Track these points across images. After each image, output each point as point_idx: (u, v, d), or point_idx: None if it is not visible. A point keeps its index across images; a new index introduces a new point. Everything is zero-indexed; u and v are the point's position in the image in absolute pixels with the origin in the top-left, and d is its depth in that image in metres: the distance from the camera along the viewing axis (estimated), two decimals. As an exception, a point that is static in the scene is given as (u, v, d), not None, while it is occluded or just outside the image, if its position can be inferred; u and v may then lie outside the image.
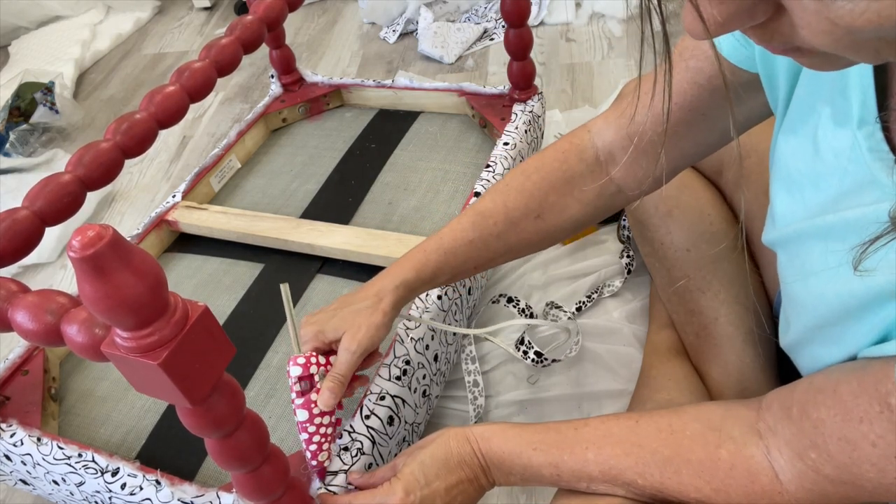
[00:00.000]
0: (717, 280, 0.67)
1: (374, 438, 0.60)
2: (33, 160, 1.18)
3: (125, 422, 0.70)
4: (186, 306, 0.36)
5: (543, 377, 0.79)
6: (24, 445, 0.64)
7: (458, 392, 0.79)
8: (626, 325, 0.82)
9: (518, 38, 0.91)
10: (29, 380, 0.72)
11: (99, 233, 0.31)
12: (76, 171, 0.53)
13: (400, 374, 0.64)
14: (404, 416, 0.65)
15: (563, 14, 1.47)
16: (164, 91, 0.60)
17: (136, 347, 0.35)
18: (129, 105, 1.42)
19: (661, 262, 0.71)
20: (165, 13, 1.77)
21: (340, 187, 0.95)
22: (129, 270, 0.32)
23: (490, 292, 0.89)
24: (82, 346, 0.38)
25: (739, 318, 0.66)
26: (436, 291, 0.71)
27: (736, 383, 0.66)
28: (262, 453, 0.46)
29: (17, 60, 1.54)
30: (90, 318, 0.39)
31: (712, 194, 0.70)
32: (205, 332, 0.37)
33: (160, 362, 0.34)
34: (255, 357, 0.74)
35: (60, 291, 0.42)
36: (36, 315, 0.40)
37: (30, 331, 0.40)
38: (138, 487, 0.58)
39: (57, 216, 0.51)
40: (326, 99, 1.11)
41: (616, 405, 0.75)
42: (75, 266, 0.32)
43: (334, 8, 1.68)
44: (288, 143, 1.07)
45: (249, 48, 0.71)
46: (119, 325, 0.34)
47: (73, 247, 0.31)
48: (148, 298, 0.34)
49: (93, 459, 0.61)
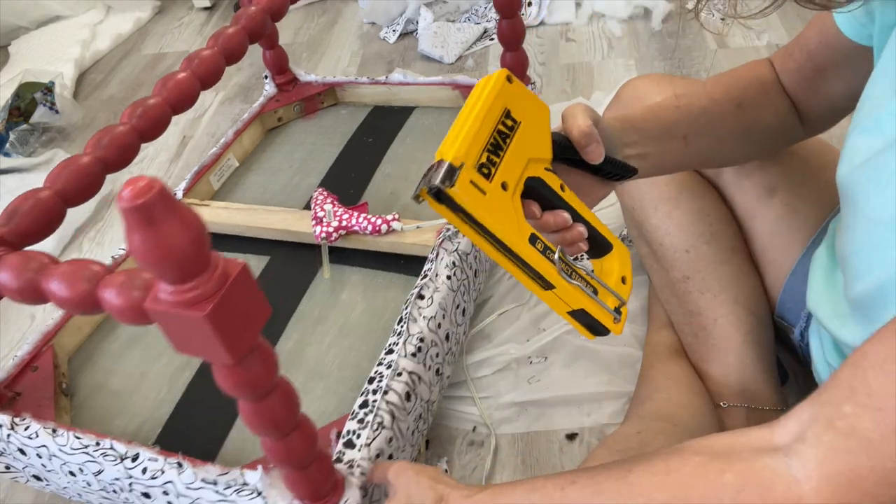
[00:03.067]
0: (717, 281, 0.67)
1: (393, 413, 0.61)
2: (33, 160, 1.18)
3: (140, 413, 0.70)
4: (227, 263, 0.37)
5: (543, 378, 0.78)
6: (38, 438, 0.63)
7: (461, 393, 0.78)
8: (626, 325, 0.80)
9: (511, 28, 0.93)
10: (39, 376, 0.72)
11: (149, 183, 0.32)
12: (95, 153, 0.53)
13: (415, 351, 0.65)
14: (420, 393, 0.65)
15: (563, 14, 1.47)
16: (175, 77, 0.61)
17: (180, 302, 0.35)
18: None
19: (660, 262, 0.71)
20: (165, 13, 1.76)
21: (342, 180, 0.96)
22: (176, 221, 0.33)
23: (486, 296, 0.90)
24: (121, 309, 0.39)
25: (739, 318, 0.66)
26: (445, 271, 0.72)
27: (736, 384, 0.66)
28: (294, 419, 0.46)
29: (17, 60, 1.53)
30: (127, 282, 0.39)
31: (712, 195, 0.70)
32: (244, 288, 0.37)
33: (206, 314, 0.35)
34: (266, 345, 0.74)
35: (93, 260, 0.42)
36: (72, 283, 0.41)
37: (66, 298, 0.41)
38: (160, 471, 0.58)
39: (78, 196, 0.52)
40: (321, 97, 1.12)
41: (616, 405, 0.75)
42: (125, 216, 0.33)
43: (334, 8, 1.68)
44: (285, 141, 1.08)
45: (255, 37, 0.73)
46: (165, 277, 0.35)
47: (124, 197, 0.32)
48: (193, 251, 0.34)
49: (111, 447, 0.61)
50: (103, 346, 0.78)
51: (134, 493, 0.61)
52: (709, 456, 0.39)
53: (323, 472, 0.51)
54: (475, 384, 0.78)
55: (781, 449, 0.36)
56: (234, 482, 0.56)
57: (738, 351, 0.66)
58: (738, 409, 0.65)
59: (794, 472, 0.35)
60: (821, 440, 0.34)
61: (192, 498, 0.57)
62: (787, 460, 0.35)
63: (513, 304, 0.86)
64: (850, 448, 0.33)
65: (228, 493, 0.56)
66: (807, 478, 0.34)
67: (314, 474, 0.50)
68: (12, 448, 0.65)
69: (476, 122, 0.44)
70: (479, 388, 0.78)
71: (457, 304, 0.74)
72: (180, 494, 0.58)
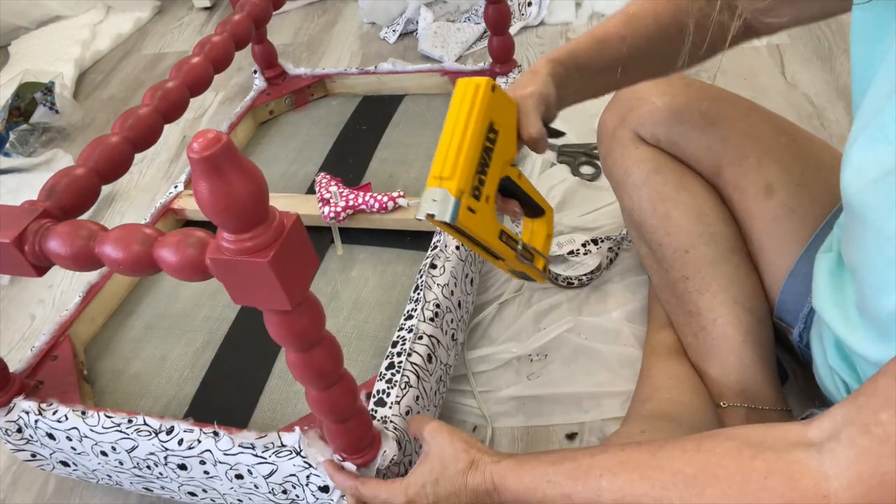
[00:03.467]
0: (716, 281, 0.67)
1: (418, 373, 0.64)
2: (33, 160, 1.18)
3: (165, 393, 0.71)
4: (282, 215, 0.40)
5: (543, 375, 0.79)
6: (68, 420, 0.65)
7: (462, 387, 0.79)
8: (626, 324, 0.82)
9: (497, 12, 0.97)
10: (60, 364, 0.73)
11: (217, 136, 0.35)
12: (123, 133, 0.55)
13: (433, 316, 0.68)
14: (440, 356, 0.68)
15: (563, 14, 1.48)
16: (164, 85, 0.62)
17: (243, 249, 0.38)
18: (129, 105, 1.41)
19: (660, 263, 0.71)
20: (165, 13, 1.76)
21: (339, 166, 0.98)
22: (241, 173, 0.36)
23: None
24: (178, 265, 0.41)
25: (738, 318, 0.66)
26: (453, 242, 0.75)
27: (735, 384, 0.66)
28: (338, 371, 0.49)
29: (17, 60, 1.52)
30: (182, 240, 0.41)
31: (711, 195, 0.70)
32: (299, 238, 0.40)
33: (268, 260, 0.37)
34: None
35: (140, 224, 0.44)
36: (126, 245, 0.43)
37: (121, 260, 0.43)
38: (196, 441, 0.60)
39: (111, 174, 0.54)
40: (311, 90, 1.15)
41: (616, 405, 0.75)
42: (194, 166, 0.35)
43: (334, 8, 1.68)
44: (278, 133, 1.10)
45: (241, 44, 0.75)
46: (228, 226, 0.37)
47: (194, 148, 0.34)
48: (255, 201, 0.37)
49: (144, 422, 0.62)
50: (119, 335, 0.79)
51: (169, 465, 0.62)
52: (742, 441, 0.40)
53: (363, 425, 0.54)
54: (475, 378, 0.79)
55: (815, 445, 0.37)
56: (272, 444, 0.58)
57: (737, 351, 0.66)
58: (738, 409, 0.66)
59: (826, 468, 0.36)
60: (855, 442, 0.36)
61: (231, 464, 0.59)
62: (819, 456, 0.37)
63: (512, 294, 0.88)
64: (884, 453, 0.34)
65: (268, 455, 0.58)
66: (837, 475, 0.35)
67: (354, 427, 0.53)
68: (40, 434, 0.66)
69: (467, 145, 0.51)
70: (479, 383, 0.79)
71: (465, 274, 0.77)
72: (218, 462, 0.60)
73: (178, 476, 0.63)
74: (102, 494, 0.76)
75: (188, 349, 0.75)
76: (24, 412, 0.66)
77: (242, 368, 0.73)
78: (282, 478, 0.58)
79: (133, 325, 0.80)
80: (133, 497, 0.75)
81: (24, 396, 0.67)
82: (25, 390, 0.69)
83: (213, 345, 0.75)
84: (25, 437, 0.67)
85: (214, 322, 0.78)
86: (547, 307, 0.86)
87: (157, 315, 0.81)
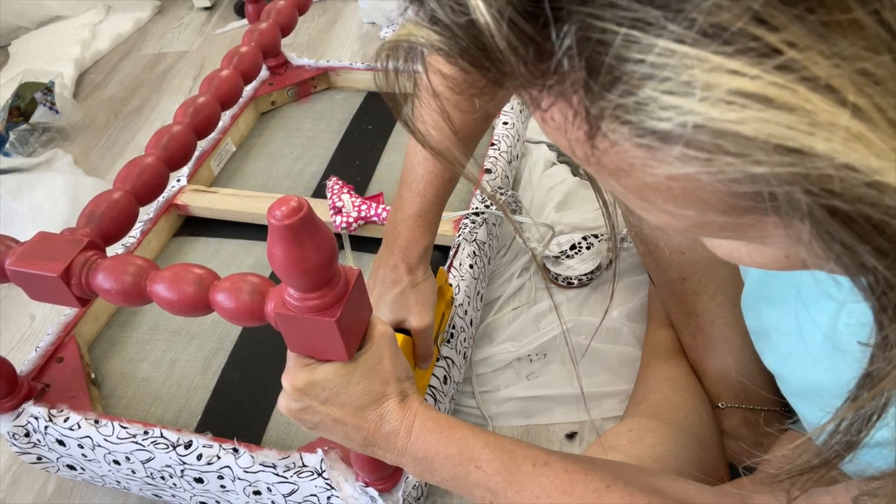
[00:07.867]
0: (714, 283, 0.68)
1: (435, 396, 0.65)
2: (33, 160, 1.16)
3: (175, 400, 0.71)
4: (346, 271, 0.40)
5: (543, 375, 0.80)
6: (81, 429, 0.64)
7: (464, 387, 0.80)
8: (626, 324, 0.83)
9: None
10: (66, 367, 0.72)
11: (299, 205, 0.35)
12: (158, 153, 0.54)
13: (449, 339, 0.69)
14: (453, 377, 0.70)
15: None
16: (197, 101, 0.61)
17: (309, 308, 0.38)
18: (129, 105, 1.40)
19: (658, 263, 0.72)
20: (165, 13, 1.74)
21: (345, 168, 0.98)
22: (316, 242, 0.36)
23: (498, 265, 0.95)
24: (235, 312, 0.42)
25: (737, 319, 0.66)
26: (469, 260, 0.76)
27: (733, 384, 0.67)
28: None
29: (17, 60, 1.50)
30: (236, 286, 0.42)
31: None
32: (359, 293, 0.41)
33: (336, 319, 0.38)
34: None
35: (193, 264, 0.44)
36: (179, 287, 0.43)
37: (174, 301, 0.43)
38: (215, 457, 0.61)
39: (147, 196, 0.53)
40: (314, 82, 1.13)
41: (616, 404, 0.77)
42: (273, 232, 0.35)
43: (334, 8, 1.67)
44: (280, 125, 1.08)
45: (269, 53, 0.74)
46: (300, 287, 0.38)
47: (276, 216, 0.35)
48: (327, 266, 0.37)
49: (161, 435, 0.63)
50: (124, 335, 0.78)
51: (185, 478, 0.63)
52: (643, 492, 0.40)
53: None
54: (475, 380, 0.81)
55: None
56: (294, 464, 0.59)
57: (736, 352, 0.67)
58: (736, 410, 0.67)
59: None
60: None
61: (251, 481, 0.60)
62: None
63: (522, 304, 0.89)
64: None
65: (289, 476, 0.59)
66: None
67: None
68: (49, 439, 0.66)
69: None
70: (479, 383, 0.80)
71: (477, 291, 0.78)
72: (237, 478, 0.61)
73: (192, 488, 0.64)
74: (102, 494, 0.76)
75: (198, 354, 0.75)
76: (33, 417, 0.65)
77: (254, 377, 0.73)
78: (301, 497, 0.60)
79: (138, 325, 0.79)
80: (133, 498, 0.75)
81: (32, 401, 0.67)
82: (33, 394, 0.68)
83: (223, 351, 0.75)
84: (33, 441, 0.67)
85: (223, 326, 0.78)
86: (547, 307, 0.87)
87: (162, 314, 0.80)
